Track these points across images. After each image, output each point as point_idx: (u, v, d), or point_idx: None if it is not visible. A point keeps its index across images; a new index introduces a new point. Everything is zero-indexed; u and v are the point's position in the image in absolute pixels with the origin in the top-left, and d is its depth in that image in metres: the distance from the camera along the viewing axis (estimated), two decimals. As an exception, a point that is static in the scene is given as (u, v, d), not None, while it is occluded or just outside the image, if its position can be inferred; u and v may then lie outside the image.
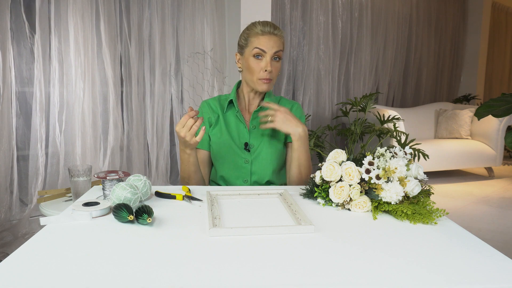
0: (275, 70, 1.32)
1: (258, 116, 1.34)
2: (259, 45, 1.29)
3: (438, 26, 5.17)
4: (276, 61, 1.32)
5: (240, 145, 1.37)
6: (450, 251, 0.75)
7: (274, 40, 1.29)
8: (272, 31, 1.30)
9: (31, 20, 2.38)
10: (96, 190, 1.16)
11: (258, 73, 1.30)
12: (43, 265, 0.67)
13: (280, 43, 1.31)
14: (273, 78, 1.32)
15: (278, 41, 1.30)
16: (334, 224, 0.89)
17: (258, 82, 1.32)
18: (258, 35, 1.30)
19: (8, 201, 2.37)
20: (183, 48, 2.99)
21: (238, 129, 1.39)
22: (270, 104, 1.27)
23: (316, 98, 4.02)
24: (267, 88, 1.32)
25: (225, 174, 1.38)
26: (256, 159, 1.36)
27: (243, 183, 1.37)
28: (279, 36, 1.32)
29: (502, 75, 6.49)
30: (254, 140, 1.38)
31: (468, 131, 4.27)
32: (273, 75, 1.32)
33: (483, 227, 2.76)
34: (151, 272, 0.65)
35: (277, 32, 1.31)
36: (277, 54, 1.30)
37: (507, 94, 1.62)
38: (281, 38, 1.33)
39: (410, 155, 1.03)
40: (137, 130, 2.84)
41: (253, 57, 1.30)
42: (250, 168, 1.36)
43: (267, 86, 1.32)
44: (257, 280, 0.63)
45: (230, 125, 1.39)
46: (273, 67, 1.31)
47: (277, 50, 1.30)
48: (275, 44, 1.29)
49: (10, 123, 2.32)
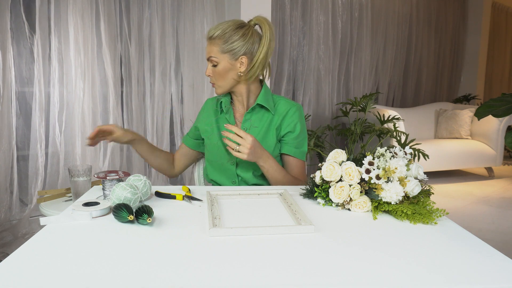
0: (213, 74, 1.31)
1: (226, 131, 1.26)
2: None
3: (438, 26, 5.17)
4: (214, 67, 1.31)
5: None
6: (450, 251, 0.75)
7: (209, 46, 1.31)
8: (209, 36, 1.30)
9: (31, 20, 2.38)
10: (96, 190, 1.16)
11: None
12: (43, 265, 0.67)
13: (210, 49, 1.29)
14: (215, 82, 1.33)
15: (210, 47, 1.30)
16: (334, 224, 0.89)
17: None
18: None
19: (8, 201, 2.37)
20: (183, 48, 2.99)
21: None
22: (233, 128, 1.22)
23: (316, 98, 4.02)
24: (217, 91, 1.35)
25: (214, 177, 1.40)
26: (241, 161, 1.35)
27: (232, 184, 1.38)
28: (212, 41, 1.29)
29: (502, 75, 6.49)
30: None
31: (468, 131, 4.27)
32: (213, 79, 1.32)
33: (483, 227, 2.76)
34: (151, 272, 0.65)
35: (210, 34, 1.29)
36: (210, 60, 1.30)
37: (507, 94, 1.62)
38: (215, 43, 1.28)
39: (410, 155, 1.03)
40: (137, 130, 2.84)
41: None
42: (235, 170, 1.36)
43: (216, 90, 1.35)
44: (257, 280, 0.63)
45: (222, 125, 1.39)
46: (210, 72, 1.32)
47: (208, 57, 1.30)
48: (208, 49, 1.31)
49: (10, 123, 2.32)
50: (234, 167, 1.36)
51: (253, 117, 1.37)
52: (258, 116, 1.37)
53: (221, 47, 1.29)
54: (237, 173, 1.36)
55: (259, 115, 1.37)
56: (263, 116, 1.36)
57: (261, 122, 1.36)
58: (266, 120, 1.36)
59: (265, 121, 1.36)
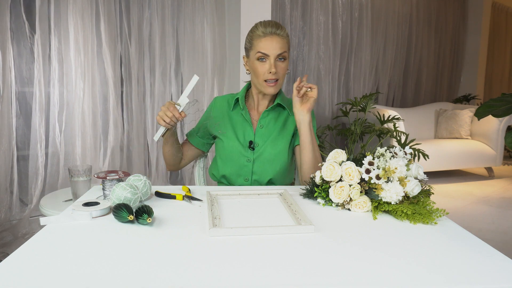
0: (280, 70, 1.30)
1: (298, 87, 1.30)
2: (261, 49, 1.28)
3: (438, 26, 5.17)
4: (281, 61, 1.30)
5: (244, 143, 1.37)
6: (450, 251, 0.75)
7: (276, 41, 1.28)
8: (274, 31, 1.28)
9: (31, 20, 2.38)
10: (96, 190, 1.16)
11: (263, 75, 1.30)
12: (43, 265, 0.67)
13: (282, 44, 1.29)
14: (279, 78, 1.31)
15: (280, 42, 1.28)
16: (334, 224, 0.89)
17: (263, 84, 1.31)
18: (261, 38, 1.28)
19: (8, 201, 2.37)
20: (183, 48, 2.99)
21: (243, 127, 1.39)
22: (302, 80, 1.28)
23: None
24: (274, 90, 1.32)
25: (227, 173, 1.38)
26: (258, 159, 1.36)
27: (244, 181, 1.37)
28: (282, 36, 1.29)
29: (502, 75, 6.49)
30: (260, 139, 1.37)
31: (468, 131, 4.27)
32: (279, 75, 1.30)
33: (483, 227, 2.76)
34: (151, 272, 0.65)
35: (279, 32, 1.29)
36: (280, 56, 1.29)
37: (507, 94, 1.62)
38: (284, 38, 1.30)
39: (410, 155, 1.03)
40: (137, 130, 2.84)
41: (257, 60, 1.30)
42: (252, 167, 1.36)
43: (273, 88, 1.31)
44: (257, 280, 0.63)
45: (236, 123, 1.40)
46: (278, 67, 1.30)
47: (280, 52, 1.28)
48: (277, 45, 1.28)
49: (10, 123, 2.32)
50: (251, 164, 1.36)
51: (270, 116, 1.40)
52: (275, 115, 1.40)
53: (289, 44, 1.33)
54: (253, 171, 1.36)
55: (275, 114, 1.41)
56: (279, 115, 1.41)
57: (277, 121, 1.40)
58: (281, 120, 1.40)
59: (281, 121, 1.40)
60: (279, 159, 1.36)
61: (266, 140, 1.37)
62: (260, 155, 1.35)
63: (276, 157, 1.36)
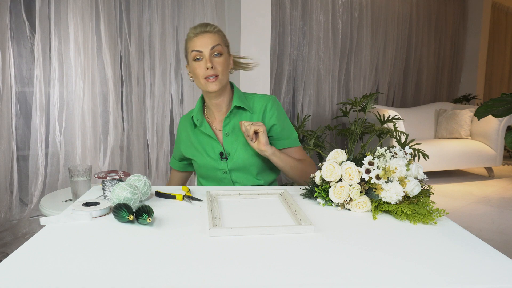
0: (218, 65, 1.27)
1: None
2: (194, 47, 1.27)
3: (438, 26, 5.17)
4: (217, 57, 1.28)
5: (215, 157, 1.34)
6: (450, 251, 0.75)
7: (207, 37, 1.27)
8: (203, 30, 1.28)
9: (31, 20, 2.38)
10: (96, 190, 1.16)
11: (202, 74, 1.27)
12: (43, 265, 0.67)
13: (214, 38, 1.27)
14: (219, 73, 1.27)
15: (212, 37, 1.27)
16: (334, 224, 0.89)
17: (205, 82, 1.27)
18: (192, 38, 1.28)
19: (8, 201, 2.37)
20: (183, 48, 2.98)
21: (210, 142, 1.36)
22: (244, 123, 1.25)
23: (316, 98, 4.02)
24: (216, 86, 1.27)
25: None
26: (234, 168, 1.33)
27: None
28: (212, 32, 1.28)
29: (502, 75, 6.49)
30: (230, 148, 1.34)
31: (468, 131, 4.27)
32: (217, 71, 1.26)
33: (483, 227, 2.76)
34: (151, 272, 0.65)
35: (209, 28, 1.28)
36: (214, 50, 1.26)
37: (507, 94, 1.62)
38: (215, 33, 1.28)
39: (410, 155, 1.03)
40: (137, 130, 2.84)
41: (194, 61, 1.28)
42: (231, 178, 1.35)
43: (214, 84, 1.27)
44: (257, 280, 0.63)
45: (203, 139, 1.37)
46: (215, 63, 1.27)
47: (213, 45, 1.26)
48: (209, 40, 1.26)
49: (10, 123, 2.32)
50: (228, 176, 1.35)
51: (232, 121, 1.35)
52: (237, 119, 1.35)
53: (223, 40, 1.32)
54: (232, 180, 1.35)
55: (237, 117, 1.35)
56: (241, 117, 1.35)
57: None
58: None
59: None
60: (254, 162, 1.33)
61: (237, 147, 1.33)
62: (235, 164, 1.33)
63: (251, 161, 1.33)
